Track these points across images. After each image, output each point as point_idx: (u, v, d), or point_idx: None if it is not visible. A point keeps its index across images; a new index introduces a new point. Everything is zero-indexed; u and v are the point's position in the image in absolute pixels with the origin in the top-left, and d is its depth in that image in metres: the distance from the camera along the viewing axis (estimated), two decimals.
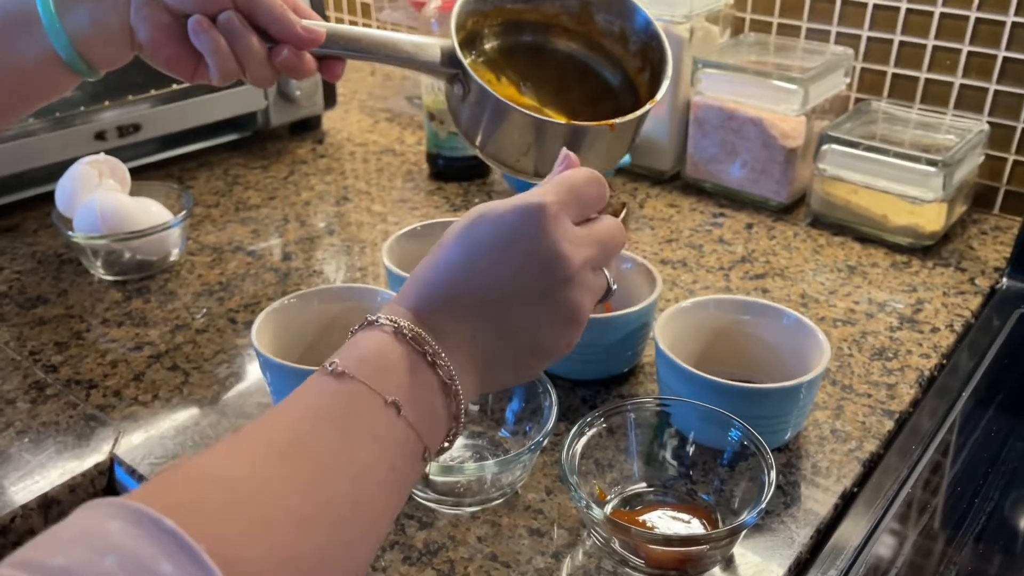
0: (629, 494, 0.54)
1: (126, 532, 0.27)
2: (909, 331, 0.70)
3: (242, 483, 0.31)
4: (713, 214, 0.89)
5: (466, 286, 0.41)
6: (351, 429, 0.36)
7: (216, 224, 0.88)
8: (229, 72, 0.52)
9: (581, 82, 0.60)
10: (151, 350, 0.68)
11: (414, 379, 0.38)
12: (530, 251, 0.41)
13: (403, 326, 0.39)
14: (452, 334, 0.40)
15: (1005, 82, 0.84)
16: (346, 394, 0.37)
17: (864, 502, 0.54)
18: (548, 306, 0.41)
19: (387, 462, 0.37)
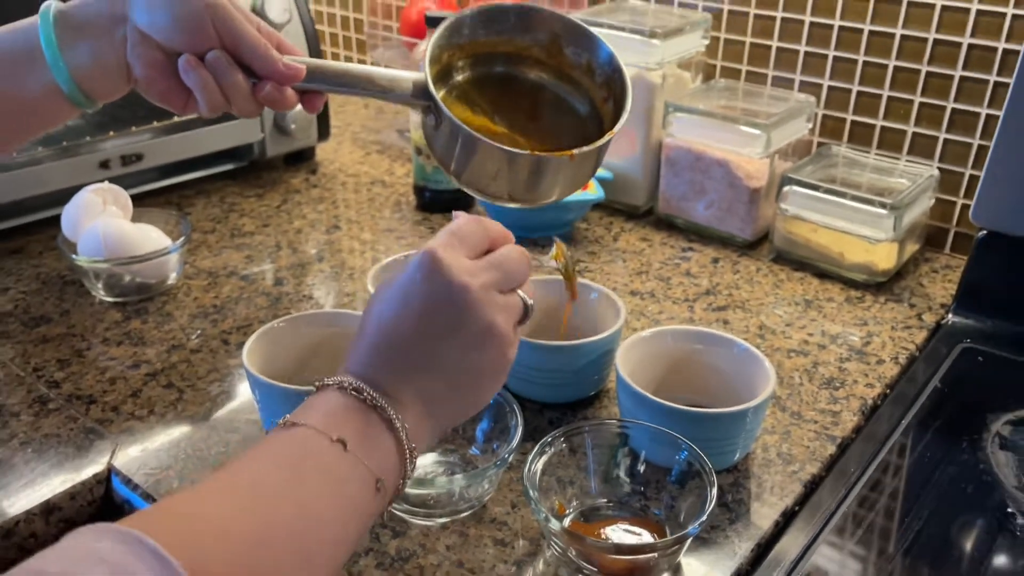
0: (587, 508, 0.58)
1: (114, 549, 0.32)
2: (857, 362, 0.75)
3: (207, 517, 0.37)
4: (682, 248, 0.95)
5: (392, 344, 0.47)
6: (301, 466, 0.41)
7: (212, 249, 0.93)
8: (216, 105, 0.57)
9: (552, 110, 0.63)
10: (148, 368, 0.73)
11: (358, 420, 0.44)
12: (429, 292, 0.46)
13: (344, 381, 0.45)
14: (397, 393, 0.46)
15: (954, 131, 0.90)
16: (296, 438, 0.43)
17: (803, 519, 0.59)
18: (463, 334, 0.47)
19: (337, 490, 0.42)
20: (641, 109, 0.96)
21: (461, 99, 0.62)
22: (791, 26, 0.97)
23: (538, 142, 0.61)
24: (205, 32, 0.55)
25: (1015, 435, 0.67)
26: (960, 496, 0.61)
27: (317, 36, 1.07)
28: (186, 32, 0.55)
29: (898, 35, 0.90)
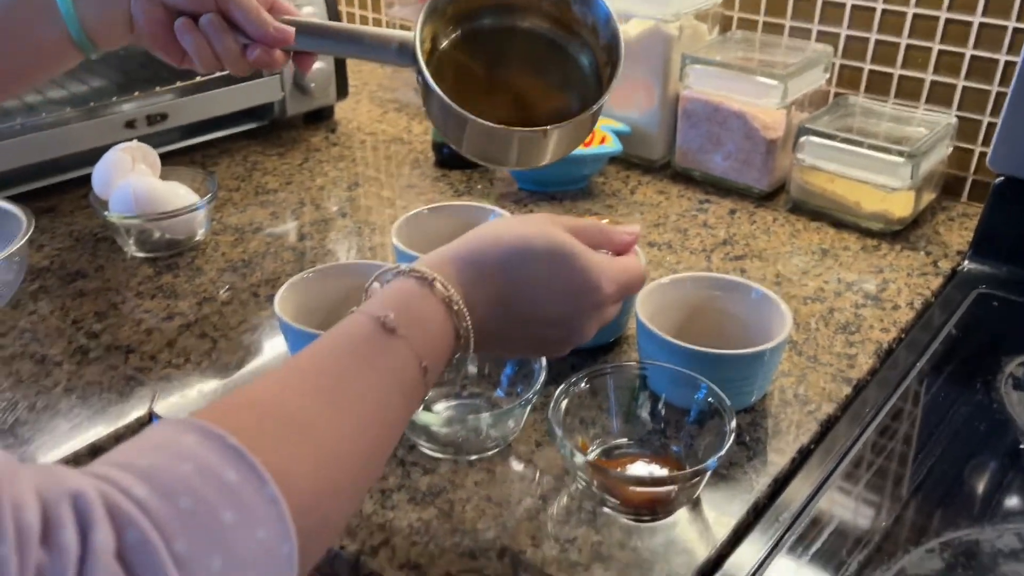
0: (609, 447, 0.60)
1: (199, 444, 0.33)
2: (873, 308, 0.77)
3: (293, 415, 0.38)
4: (699, 200, 0.96)
5: (513, 295, 0.48)
6: (389, 382, 0.42)
7: (238, 207, 0.95)
8: (210, 65, 0.61)
9: (556, 64, 0.63)
10: (181, 320, 0.75)
11: (444, 348, 0.45)
12: (570, 314, 0.50)
13: (455, 301, 0.46)
14: (477, 318, 0.47)
15: (972, 78, 0.90)
16: (392, 350, 0.43)
17: (819, 456, 0.61)
18: (544, 345, 0.52)
19: (407, 410, 0.44)
20: (658, 62, 0.97)
21: (459, 52, 0.62)
22: None
23: (540, 96, 0.61)
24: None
25: None
26: (973, 434, 0.63)
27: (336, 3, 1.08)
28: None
29: None
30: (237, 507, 0.32)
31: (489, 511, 0.56)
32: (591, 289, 0.49)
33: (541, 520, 0.55)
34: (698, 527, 0.55)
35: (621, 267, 0.52)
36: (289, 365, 0.41)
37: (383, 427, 0.41)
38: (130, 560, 0.28)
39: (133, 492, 0.30)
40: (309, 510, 0.35)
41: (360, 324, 0.43)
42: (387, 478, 0.58)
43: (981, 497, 0.58)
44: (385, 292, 0.46)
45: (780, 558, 0.53)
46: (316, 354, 0.42)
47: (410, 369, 0.43)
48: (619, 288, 0.52)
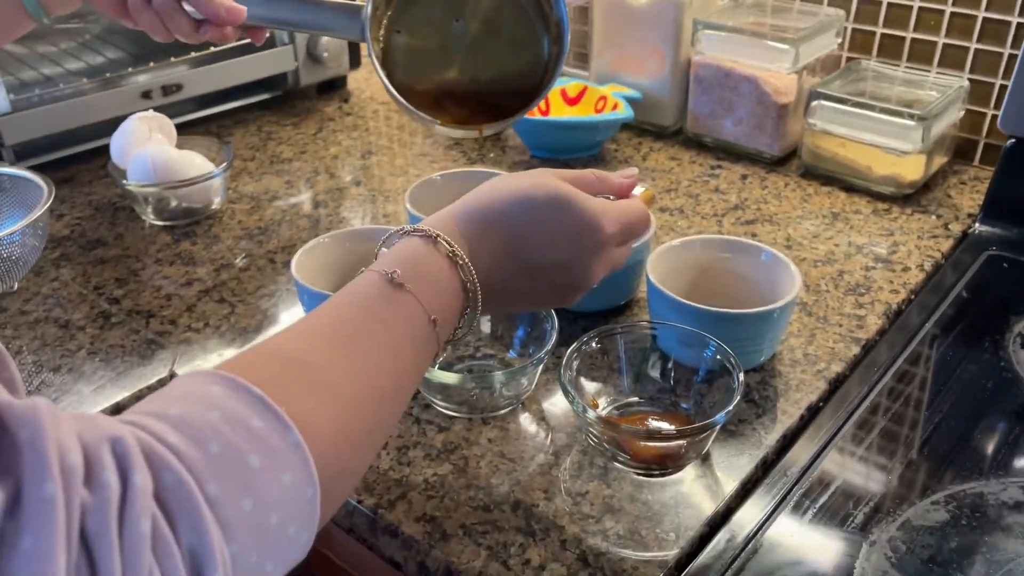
0: (620, 405, 0.62)
1: (225, 394, 0.34)
2: (883, 270, 0.77)
3: (312, 366, 0.39)
4: (711, 166, 0.96)
5: (517, 244, 0.49)
6: (400, 334, 0.43)
7: (253, 176, 0.96)
8: (166, 39, 0.64)
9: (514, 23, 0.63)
10: (200, 286, 0.77)
11: (451, 301, 0.47)
12: (575, 258, 0.50)
13: (458, 254, 0.47)
14: (483, 270, 0.48)
15: (985, 41, 0.90)
16: (400, 303, 0.44)
17: (828, 413, 0.62)
18: (553, 294, 0.52)
19: (418, 364, 0.45)
20: (669, 27, 0.97)
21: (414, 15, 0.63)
22: None
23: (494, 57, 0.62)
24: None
25: None
26: (980, 392, 0.64)
27: None
28: None
29: None
30: (263, 452, 0.33)
31: (503, 467, 0.57)
32: (593, 230, 0.50)
33: (553, 475, 0.57)
34: (707, 482, 0.56)
35: (621, 208, 0.53)
36: (306, 320, 0.42)
37: (397, 377, 0.43)
38: (167, 500, 0.30)
39: (167, 438, 0.31)
40: (330, 455, 0.36)
41: (369, 281, 0.44)
42: (403, 435, 0.60)
43: (987, 452, 0.59)
44: (392, 251, 0.47)
45: (787, 512, 0.54)
46: (330, 310, 0.43)
47: (419, 322, 0.44)
48: (622, 228, 0.52)
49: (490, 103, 0.63)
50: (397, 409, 0.44)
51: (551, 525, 0.53)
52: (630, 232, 0.53)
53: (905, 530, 0.52)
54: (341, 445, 0.38)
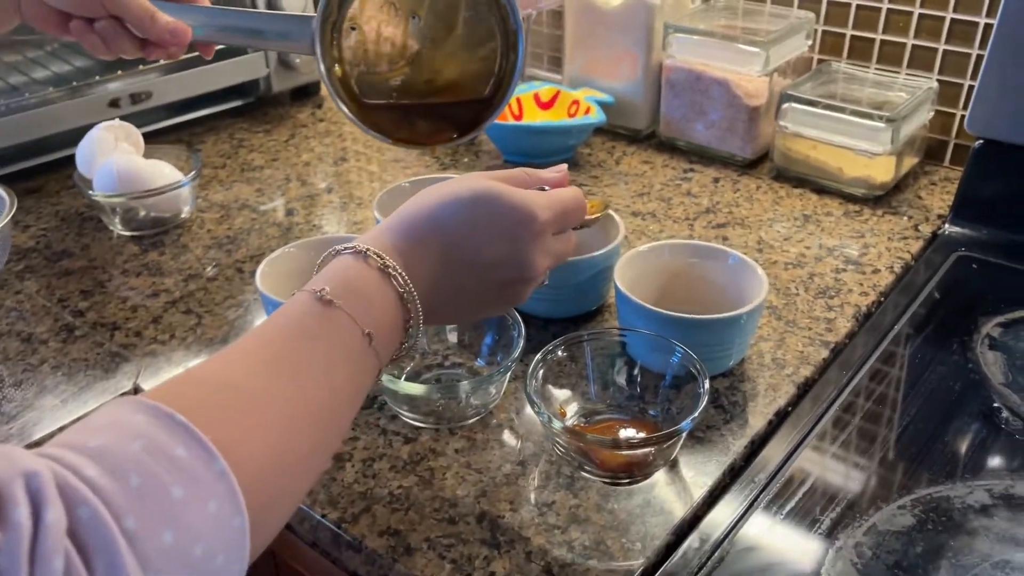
0: (587, 412, 0.61)
1: (149, 423, 0.33)
2: (853, 272, 0.77)
3: (239, 389, 0.38)
4: (684, 169, 0.96)
5: (450, 247, 0.48)
6: (332, 350, 0.42)
7: (223, 184, 0.95)
8: (108, 57, 0.63)
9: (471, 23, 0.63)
10: (167, 296, 0.76)
11: (388, 315, 0.46)
12: (513, 250, 0.49)
13: (389, 265, 0.46)
14: (421, 279, 0.47)
15: (953, 42, 0.90)
16: (331, 320, 0.43)
17: (796, 418, 0.62)
18: (501, 292, 0.51)
19: (356, 382, 0.44)
20: (641, 31, 0.97)
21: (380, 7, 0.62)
22: None
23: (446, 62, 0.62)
24: (92, 7, 0.60)
25: (1004, 336, 0.69)
26: (949, 394, 0.64)
27: None
28: (74, 6, 0.60)
29: None
30: (187, 482, 0.32)
31: (469, 478, 0.57)
32: (525, 220, 0.49)
33: (520, 485, 0.56)
34: (675, 488, 0.56)
35: (552, 195, 0.52)
36: (236, 344, 0.42)
37: (331, 396, 0.41)
38: (82, 536, 0.29)
39: (84, 472, 0.30)
40: (259, 482, 0.36)
41: (299, 301, 0.44)
42: (369, 447, 0.59)
43: (954, 455, 0.59)
44: (323, 271, 0.46)
45: (755, 517, 0.54)
46: (260, 333, 0.42)
47: (352, 338, 0.43)
48: (555, 214, 0.51)
49: (450, 116, 0.63)
50: (334, 430, 0.43)
51: (516, 536, 0.52)
52: (565, 218, 0.52)
53: (871, 535, 0.52)
54: (272, 471, 0.37)
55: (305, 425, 0.40)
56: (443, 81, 0.63)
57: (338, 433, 0.43)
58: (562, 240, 0.53)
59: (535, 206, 0.50)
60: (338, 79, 0.62)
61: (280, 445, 0.38)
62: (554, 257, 0.52)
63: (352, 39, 0.62)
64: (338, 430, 0.43)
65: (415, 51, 0.62)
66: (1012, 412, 0.62)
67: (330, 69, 0.62)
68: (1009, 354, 0.67)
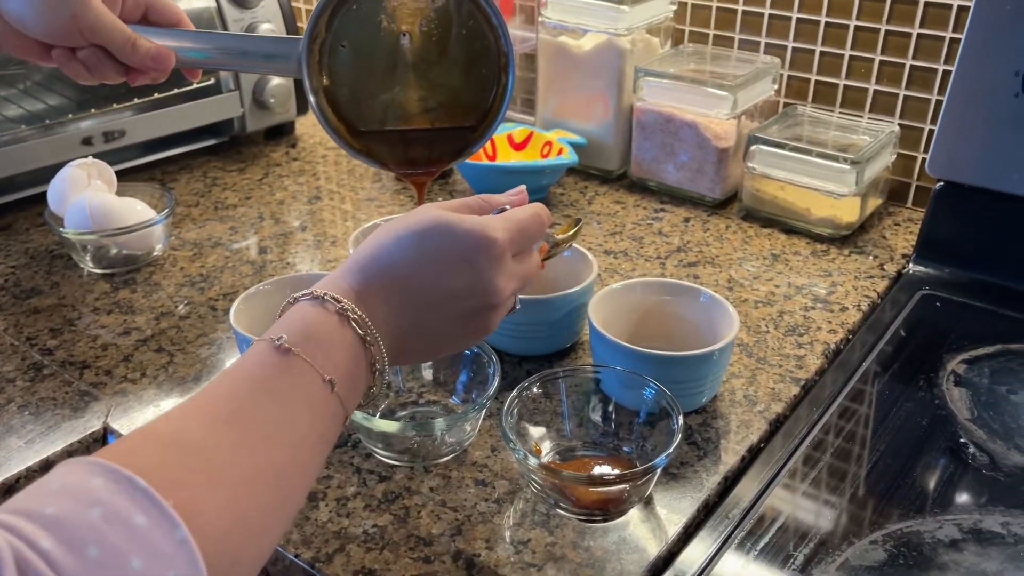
0: (562, 450, 0.61)
1: (107, 488, 0.32)
2: (822, 311, 0.79)
3: (197, 447, 0.37)
4: (655, 209, 0.97)
5: (406, 283, 0.47)
6: (292, 401, 0.41)
7: (196, 222, 0.95)
8: (90, 83, 0.63)
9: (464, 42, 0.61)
10: (138, 335, 0.75)
11: (350, 360, 0.44)
12: (472, 278, 0.48)
13: (347, 308, 0.45)
14: (383, 321, 0.46)
15: (913, 87, 0.93)
16: (289, 369, 0.42)
17: (769, 454, 0.63)
18: (468, 323, 0.50)
19: (319, 431, 0.43)
20: (612, 74, 0.99)
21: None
22: None
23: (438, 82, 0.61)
24: (72, 37, 0.59)
25: (969, 372, 0.71)
26: (916, 430, 0.65)
27: (293, 13, 1.09)
28: (54, 37, 0.59)
29: None
30: (147, 553, 0.31)
31: (444, 516, 0.57)
32: (482, 245, 0.48)
33: (496, 523, 0.56)
34: (650, 526, 0.56)
35: (508, 214, 0.51)
36: (193, 399, 0.40)
37: (292, 448, 0.40)
38: None
39: (40, 544, 0.30)
40: (222, 543, 0.35)
41: (257, 351, 0.43)
42: (343, 486, 0.59)
43: (923, 491, 0.60)
44: (281, 319, 0.45)
45: (729, 553, 0.54)
46: (217, 385, 0.41)
47: (313, 386, 0.42)
48: (512, 234, 0.50)
49: (440, 143, 0.63)
50: (298, 484, 0.41)
51: (492, 575, 0.52)
52: (524, 236, 0.51)
53: (844, 571, 0.53)
54: (233, 530, 0.36)
55: (267, 482, 0.39)
56: (435, 103, 0.62)
57: (303, 486, 0.42)
58: (526, 260, 0.52)
59: (489, 228, 0.49)
60: (326, 101, 0.62)
61: (242, 505, 0.37)
62: (519, 279, 0.51)
63: (341, 58, 0.61)
64: (302, 483, 0.42)
65: (406, 71, 0.61)
66: (979, 448, 0.63)
67: (317, 91, 0.61)
68: (974, 390, 0.68)
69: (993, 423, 0.65)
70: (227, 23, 1.02)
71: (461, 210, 0.51)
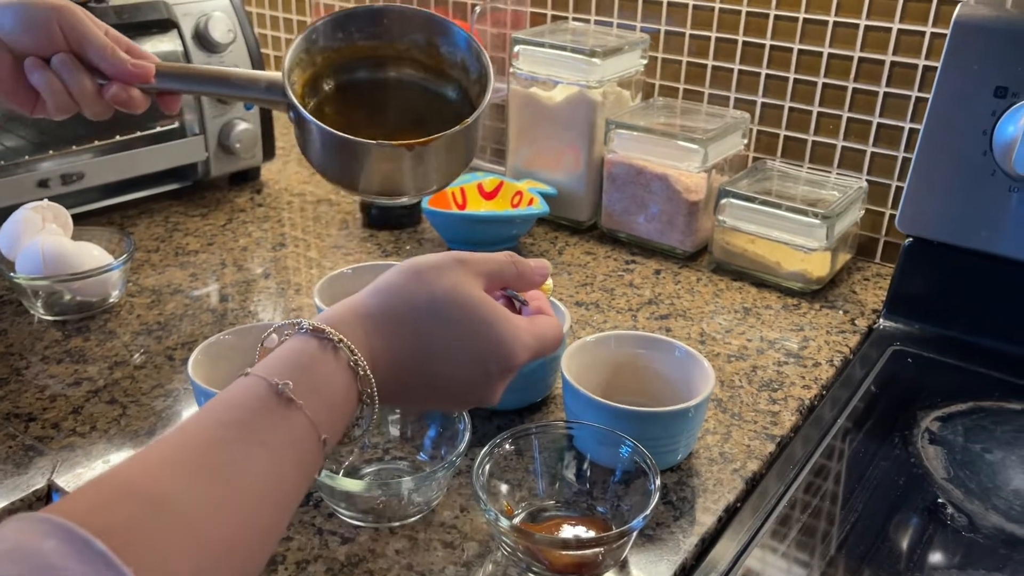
0: (535, 510, 0.59)
1: (60, 551, 0.29)
2: (795, 366, 0.78)
3: (172, 504, 0.33)
4: (625, 261, 0.97)
5: (422, 355, 0.46)
6: (285, 458, 0.38)
7: (156, 268, 0.92)
8: (64, 107, 0.59)
9: (433, 111, 0.64)
10: (90, 385, 0.72)
11: (346, 418, 0.42)
12: (479, 381, 0.48)
13: (361, 365, 0.42)
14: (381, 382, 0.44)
15: (880, 144, 0.94)
16: (288, 421, 0.38)
17: (746, 514, 0.61)
18: (453, 404, 0.50)
19: (302, 489, 0.40)
20: (583, 126, 0.99)
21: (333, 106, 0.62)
22: (725, 46, 1.00)
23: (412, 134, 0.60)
24: (51, 36, 0.56)
25: (943, 430, 0.70)
26: (893, 489, 0.64)
27: (262, 59, 1.08)
28: (32, 35, 0.56)
29: (826, 53, 0.94)
30: None
31: None
32: (505, 356, 0.47)
33: None
34: None
35: (538, 333, 0.50)
36: (171, 439, 0.36)
37: (275, 508, 0.37)
38: None
39: None
40: None
41: (253, 391, 0.39)
42: (303, 548, 0.56)
43: (901, 552, 0.58)
44: (283, 352, 0.42)
45: None
46: (201, 426, 0.37)
47: (308, 442, 0.39)
48: (533, 354, 0.50)
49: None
50: (272, 543, 0.38)
51: None
52: (540, 355, 0.51)
53: None
54: None
55: (244, 545, 0.35)
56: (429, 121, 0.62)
57: (275, 543, 0.39)
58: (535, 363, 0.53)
59: (518, 344, 0.48)
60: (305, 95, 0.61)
61: (211, 570, 0.33)
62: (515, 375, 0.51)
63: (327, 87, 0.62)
64: (276, 541, 0.39)
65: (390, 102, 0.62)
66: (956, 508, 0.62)
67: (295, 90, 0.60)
68: (949, 449, 0.68)
69: (970, 483, 0.64)
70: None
71: (496, 279, 0.50)
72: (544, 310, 0.53)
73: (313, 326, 0.43)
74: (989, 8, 0.76)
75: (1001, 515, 0.61)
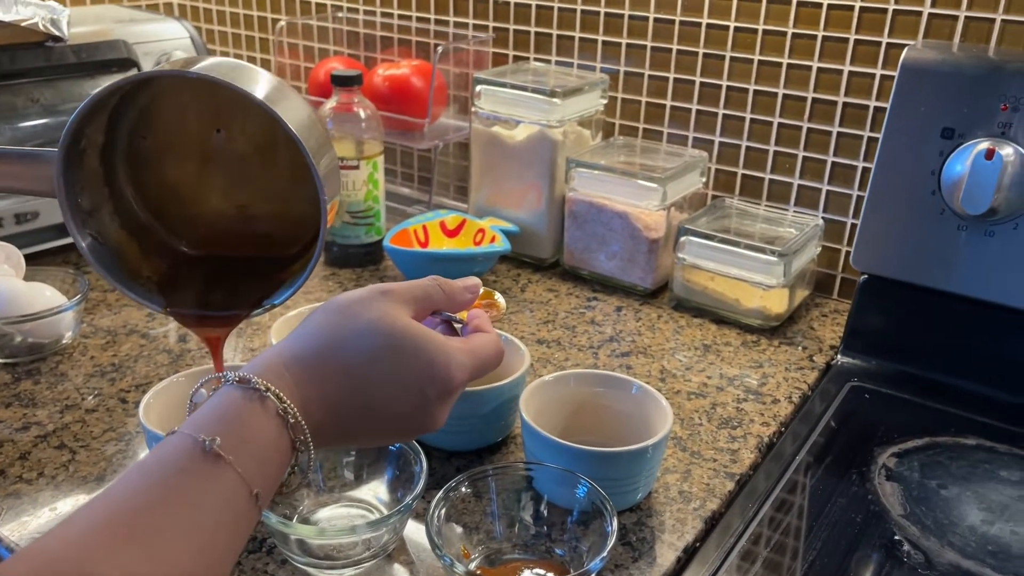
0: (492, 553, 0.58)
1: None
2: (754, 402, 0.78)
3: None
4: (587, 298, 0.97)
5: (354, 390, 0.45)
6: (215, 519, 0.37)
7: (112, 308, 0.90)
8: None
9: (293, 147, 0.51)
10: (38, 430, 0.70)
11: (279, 470, 0.41)
12: (417, 408, 0.46)
13: (290, 412, 0.41)
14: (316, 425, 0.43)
15: (835, 183, 0.96)
16: (217, 480, 0.37)
17: (705, 554, 0.61)
18: (400, 436, 0.51)
19: (236, 547, 0.39)
20: (544, 165, 0.99)
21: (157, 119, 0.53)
22: (683, 86, 1.02)
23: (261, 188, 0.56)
24: None
25: (900, 466, 0.70)
26: (851, 526, 0.64)
27: None
28: None
29: (780, 94, 0.96)
30: None
31: None
32: (440, 379, 0.46)
33: None
34: None
35: (471, 350, 0.49)
36: (98, 504, 0.35)
37: (209, 569, 0.36)
38: None
39: None
40: None
41: (180, 451, 0.38)
42: None
43: None
44: (210, 407, 0.40)
45: None
46: (127, 492, 0.36)
47: (239, 499, 0.38)
48: (472, 372, 0.49)
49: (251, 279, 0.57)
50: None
51: None
52: (481, 372, 0.50)
53: None
54: None
55: None
56: (260, 211, 0.55)
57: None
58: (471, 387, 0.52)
59: (454, 364, 0.47)
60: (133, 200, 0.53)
61: None
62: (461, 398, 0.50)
63: (144, 146, 0.52)
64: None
65: (221, 170, 0.53)
66: (913, 545, 0.62)
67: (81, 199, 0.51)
68: (905, 485, 0.68)
69: (926, 519, 0.64)
70: None
71: (424, 305, 0.49)
72: (482, 328, 0.52)
73: (239, 377, 0.41)
74: (936, 51, 0.78)
75: (957, 551, 0.61)
